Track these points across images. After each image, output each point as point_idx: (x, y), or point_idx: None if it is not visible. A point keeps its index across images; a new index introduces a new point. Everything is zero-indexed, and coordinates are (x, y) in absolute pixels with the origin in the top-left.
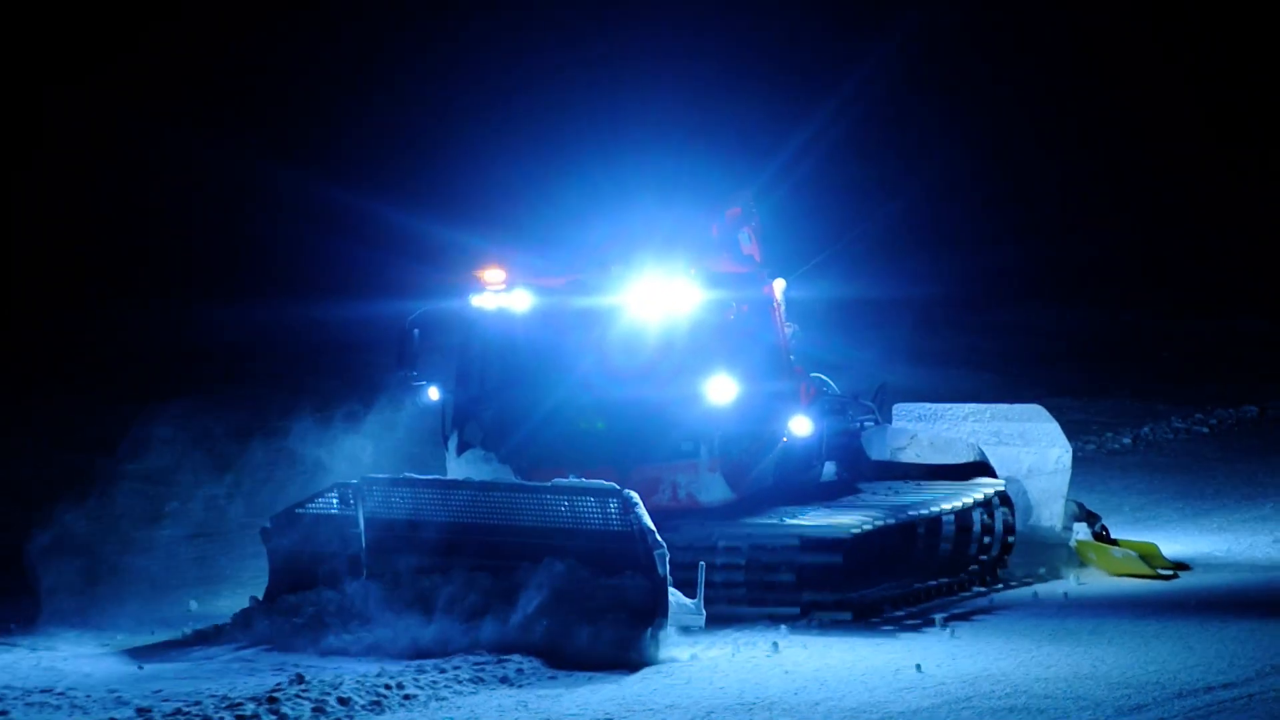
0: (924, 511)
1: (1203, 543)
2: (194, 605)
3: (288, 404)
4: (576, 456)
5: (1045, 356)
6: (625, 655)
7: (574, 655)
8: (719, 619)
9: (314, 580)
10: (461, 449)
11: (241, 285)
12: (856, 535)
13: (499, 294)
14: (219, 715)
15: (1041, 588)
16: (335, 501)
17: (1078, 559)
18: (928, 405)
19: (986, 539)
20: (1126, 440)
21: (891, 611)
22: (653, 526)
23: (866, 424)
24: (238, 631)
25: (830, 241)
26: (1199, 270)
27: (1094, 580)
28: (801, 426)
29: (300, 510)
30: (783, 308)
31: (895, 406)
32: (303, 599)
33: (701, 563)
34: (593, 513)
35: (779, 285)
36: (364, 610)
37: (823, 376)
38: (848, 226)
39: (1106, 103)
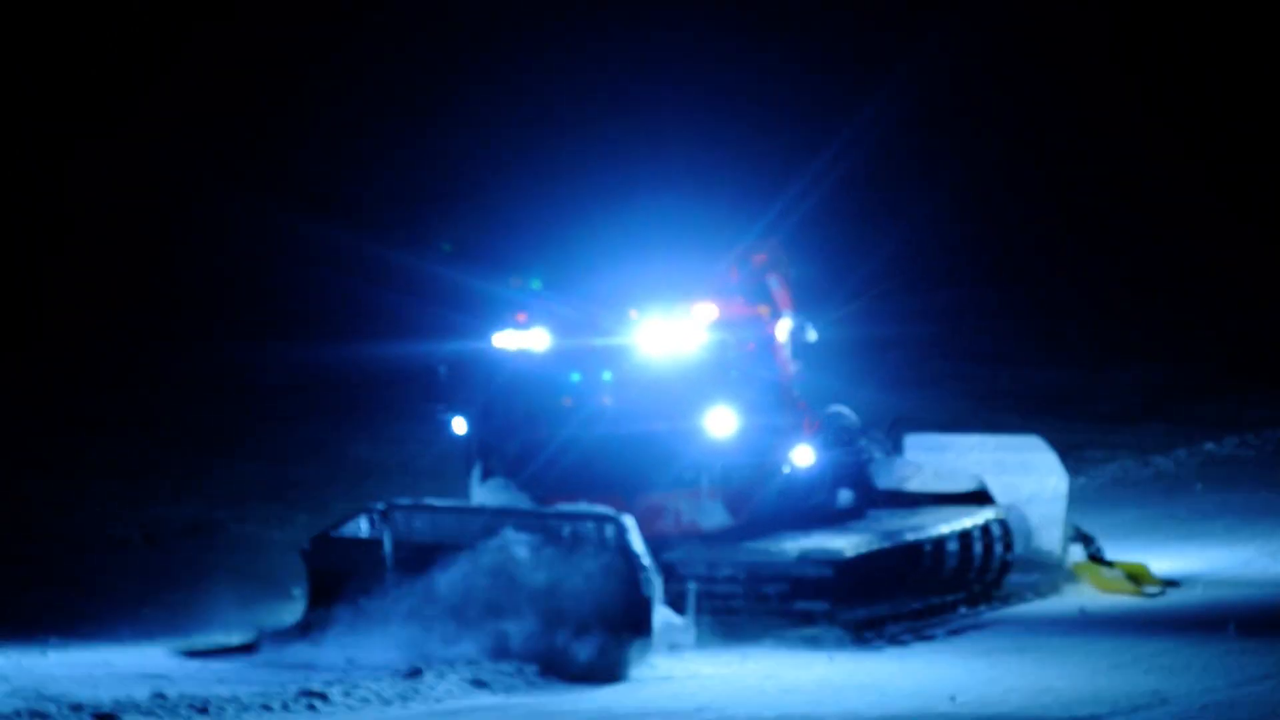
0: (917, 536)
1: None
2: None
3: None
4: (587, 485)
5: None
6: (611, 668)
7: (566, 666)
8: (713, 636)
9: (347, 594)
10: (485, 477)
11: (281, 329)
12: (850, 558)
13: (520, 335)
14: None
15: (1048, 603)
16: (364, 525)
17: (1073, 578)
18: (937, 436)
19: (983, 561)
20: None
21: (888, 629)
22: (643, 550)
23: (875, 455)
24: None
25: (877, 281)
26: None
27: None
28: (804, 457)
29: (334, 534)
30: (788, 347)
31: (907, 437)
32: (335, 610)
33: (691, 583)
34: (591, 535)
35: (783, 326)
36: (389, 622)
37: (842, 410)
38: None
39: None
